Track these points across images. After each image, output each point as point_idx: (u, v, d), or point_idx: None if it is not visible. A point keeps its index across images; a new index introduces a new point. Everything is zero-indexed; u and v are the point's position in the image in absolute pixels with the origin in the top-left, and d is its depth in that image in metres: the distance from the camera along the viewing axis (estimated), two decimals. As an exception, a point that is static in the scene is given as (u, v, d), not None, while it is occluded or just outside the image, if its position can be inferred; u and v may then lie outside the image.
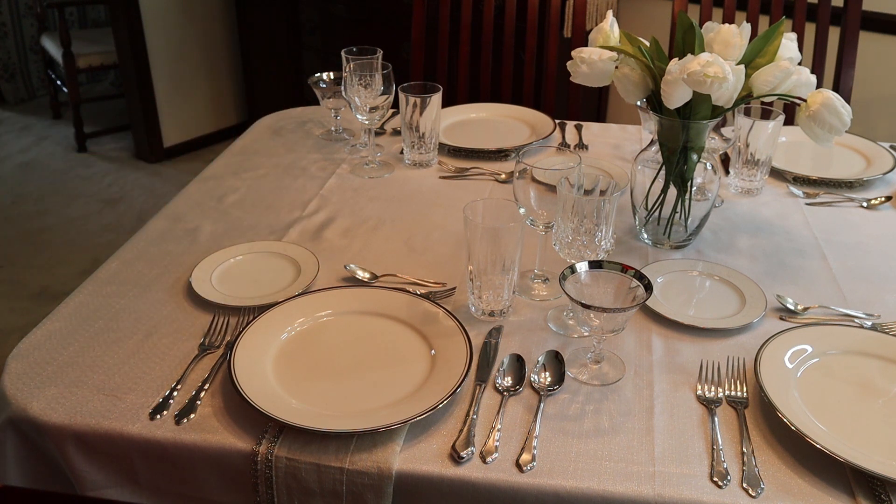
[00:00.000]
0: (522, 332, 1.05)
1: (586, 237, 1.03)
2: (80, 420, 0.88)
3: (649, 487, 0.82)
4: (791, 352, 0.99)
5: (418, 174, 1.51)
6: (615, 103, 3.15)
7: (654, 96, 1.15)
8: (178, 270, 1.18)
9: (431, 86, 1.46)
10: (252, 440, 0.86)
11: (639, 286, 0.94)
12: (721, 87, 1.04)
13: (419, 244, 1.27)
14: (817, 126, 1.10)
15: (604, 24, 1.19)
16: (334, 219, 1.34)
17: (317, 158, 1.58)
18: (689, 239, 1.27)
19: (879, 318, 1.10)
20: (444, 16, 2.03)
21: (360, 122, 1.48)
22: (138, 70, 3.46)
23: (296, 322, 1.04)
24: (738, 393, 0.95)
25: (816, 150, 1.62)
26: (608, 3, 2.78)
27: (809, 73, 1.12)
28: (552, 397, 0.94)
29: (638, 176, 1.25)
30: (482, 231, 1.01)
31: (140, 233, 1.29)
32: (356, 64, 1.43)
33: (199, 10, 3.64)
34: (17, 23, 4.25)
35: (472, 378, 0.96)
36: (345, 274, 1.17)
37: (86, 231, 3.12)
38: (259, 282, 1.13)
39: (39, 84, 4.45)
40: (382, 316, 1.06)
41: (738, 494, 0.81)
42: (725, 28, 1.11)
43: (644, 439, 0.88)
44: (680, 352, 1.02)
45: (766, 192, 1.47)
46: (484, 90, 2.06)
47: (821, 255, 1.26)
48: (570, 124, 1.74)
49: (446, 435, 0.88)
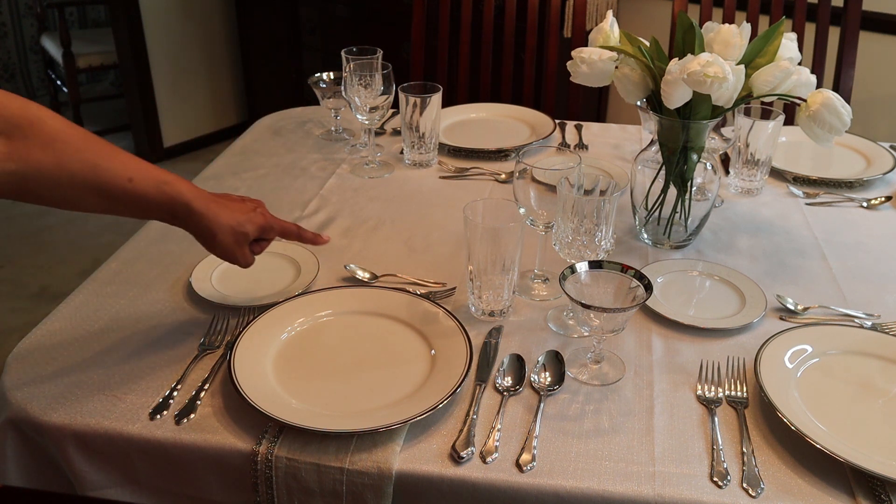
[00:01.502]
0: (522, 332, 1.05)
1: (586, 237, 1.03)
2: (80, 420, 0.88)
3: (649, 487, 0.82)
4: (791, 352, 0.99)
5: (418, 174, 1.51)
6: (615, 103, 3.15)
7: (654, 96, 1.15)
8: (178, 270, 1.18)
9: (431, 86, 1.46)
10: (252, 440, 0.86)
11: (639, 286, 0.94)
12: (721, 87, 1.04)
13: (419, 244, 1.27)
14: (817, 126, 1.10)
15: (604, 24, 1.19)
16: (334, 219, 1.34)
17: (317, 158, 1.58)
18: (689, 239, 1.27)
19: (879, 318, 1.10)
20: (444, 16, 2.04)
21: (360, 122, 1.48)
22: (138, 70, 3.46)
23: (296, 322, 1.04)
24: (738, 393, 0.95)
25: (816, 150, 1.62)
26: (608, 3, 2.78)
27: (809, 73, 1.12)
28: (552, 397, 0.94)
29: (638, 176, 1.25)
30: (482, 231, 1.01)
31: (140, 233, 1.29)
32: (356, 64, 1.43)
33: (199, 10, 3.64)
34: (17, 23, 4.25)
35: (472, 378, 0.96)
36: (345, 274, 1.17)
37: (86, 231, 3.12)
38: (259, 282, 1.13)
39: (39, 84, 4.45)
40: (382, 316, 1.06)
41: (738, 494, 0.81)
42: (725, 28, 1.11)
43: (644, 439, 0.88)
44: (680, 352, 1.02)
45: (766, 192, 1.47)
46: (484, 90, 2.06)
47: (821, 255, 1.26)
48: (570, 124, 1.74)
49: (446, 435, 0.88)
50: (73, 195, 0.85)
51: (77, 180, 0.84)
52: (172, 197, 0.91)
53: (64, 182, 0.84)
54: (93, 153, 0.85)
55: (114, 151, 0.88)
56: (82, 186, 0.85)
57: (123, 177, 0.87)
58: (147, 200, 0.89)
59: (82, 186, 0.85)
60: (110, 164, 0.86)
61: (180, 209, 0.92)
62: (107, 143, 0.88)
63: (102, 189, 0.86)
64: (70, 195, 0.85)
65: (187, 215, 0.92)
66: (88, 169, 0.84)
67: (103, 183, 0.86)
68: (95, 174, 0.85)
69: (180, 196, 0.91)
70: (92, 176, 0.85)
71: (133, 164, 0.88)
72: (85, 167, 0.84)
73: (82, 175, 0.84)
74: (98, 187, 0.86)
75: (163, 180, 0.90)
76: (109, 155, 0.87)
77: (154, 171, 0.90)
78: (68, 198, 0.86)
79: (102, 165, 0.85)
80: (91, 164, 0.85)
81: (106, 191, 0.86)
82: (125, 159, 0.88)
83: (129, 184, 0.87)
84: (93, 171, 0.85)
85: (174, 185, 0.91)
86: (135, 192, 0.88)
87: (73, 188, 0.85)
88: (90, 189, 0.85)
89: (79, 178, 0.84)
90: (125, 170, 0.87)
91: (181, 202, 0.91)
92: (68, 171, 0.83)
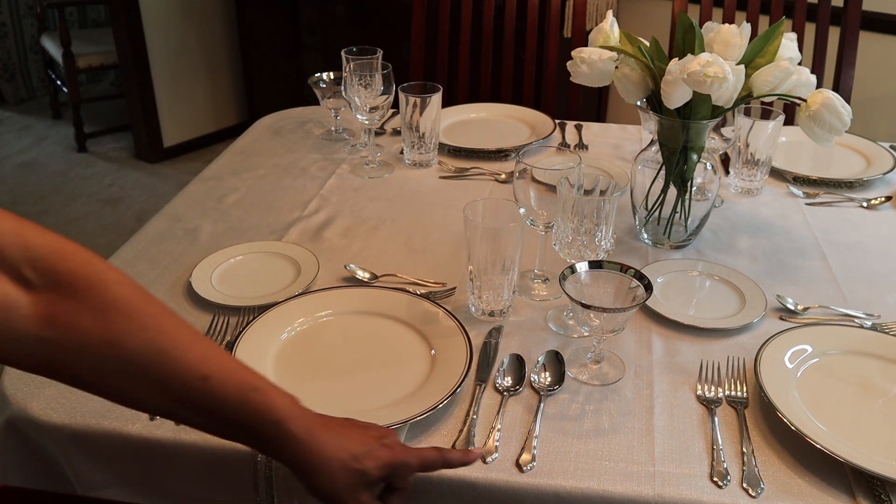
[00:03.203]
0: (522, 332, 1.05)
1: (586, 237, 1.03)
2: (80, 420, 0.88)
3: (649, 487, 0.82)
4: (791, 352, 0.99)
5: (418, 174, 1.51)
6: (615, 103, 3.15)
7: (654, 96, 1.15)
8: (178, 270, 1.18)
9: (431, 86, 1.46)
10: (252, 440, 0.86)
11: (639, 286, 0.94)
12: (721, 87, 1.04)
13: (419, 244, 1.27)
14: (817, 126, 1.10)
15: (604, 24, 1.19)
16: (334, 219, 1.34)
17: (317, 158, 1.58)
18: (689, 239, 1.27)
19: (879, 318, 1.10)
20: (444, 16, 2.03)
21: (360, 122, 1.48)
22: (138, 70, 3.46)
23: (296, 322, 1.04)
24: (738, 393, 0.95)
25: (816, 150, 1.62)
26: (608, 3, 2.78)
27: (809, 73, 1.11)
28: (552, 397, 0.94)
29: (638, 176, 1.25)
30: (482, 231, 1.01)
31: (140, 233, 1.29)
32: (356, 64, 1.43)
33: (199, 10, 3.64)
34: (17, 23, 4.25)
35: (472, 378, 0.96)
36: (345, 274, 1.17)
37: (86, 231, 3.12)
38: (259, 282, 1.13)
39: (39, 84, 4.45)
40: (382, 316, 1.06)
41: (738, 494, 0.81)
42: (725, 28, 1.11)
43: (644, 439, 0.88)
44: (680, 352, 1.02)
45: (766, 192, 1.47)
46: (484, 90, 2.06)
47: (821, 255, 1.26)
48: (570, 124, 1.74)
49: (446, 435, 0.88)
50: (122, 383, 0.65)
51: (132, 366, 0.64)
52: (259, 410, 0.67)
53: (112, 364, 0.64)
54: (162, 334, 0.65)
55: (192, 337, 0.67)
56: (138, 374, 0.65)
57: (197, 372, 0.65)
58: (223, 409, 0.67)
59: (138, 374, 0.65)
60: (182, 353, 0.65)
61: (268, 429, 0.68)
62: (185, 325, 0.68)
63: (164, 383, 0.65)
64: (118, 382, 0.65)
65: (279, 438, 0.69)
66: (151, 354, 0.64)
67: (168, 376, 0.65)
68: (159, 362, 0.65)
69: (271, 410, 0.68)
70: (154, 364, 0.64)
71: (215, 358, 0.67)
72: (147, 351, 0.64)
73: (140, 360, 0.64)
74: (159, 380, 0.65)
75: (251, 385, 0.68)
76: (184, 341, 0.66)
77: (241, 372, 0.69)
78: (115, 385, 0.65)
79: (171, 353, 0.65)
80: (156, 348, 0.64)
81: (169, 386, 0.65)
82: (205, 350, 0.67)
83: (202, 383, 0.65)
84: (157, 357, 0.64)
85: (265, 395, 0.68)
86: (208, 396, 0.66)
87: (124, 374, 0.64)
88: (148, 380, 0.65)
89: (134, 364, 0.64)
90: (202, 363, 0.66)
91: (271, 419, 0.68)
92: (122, 352, 0.63)
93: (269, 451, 0.71)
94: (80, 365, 0.63)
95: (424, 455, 0.76)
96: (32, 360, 0.63)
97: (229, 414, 0.67)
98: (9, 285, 0.61)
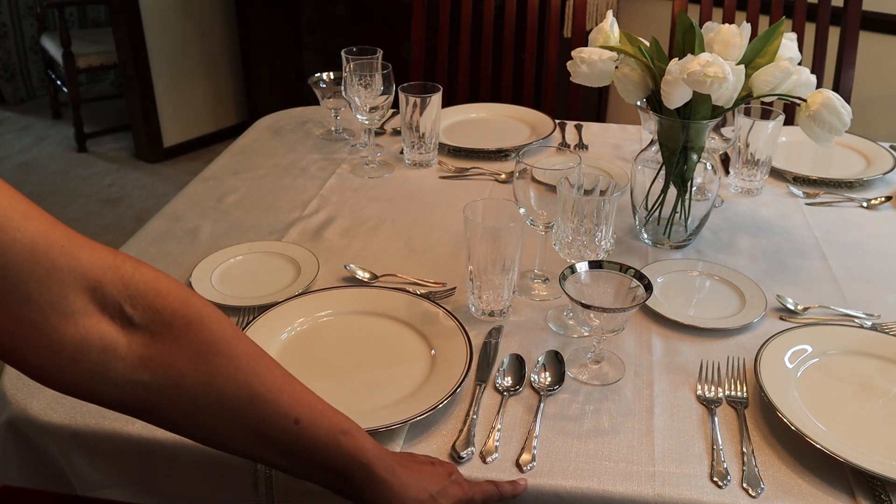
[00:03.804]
0: (522, 332, 1.05)
1: (586, 237, 1.03)
2: (80, 420, 0.88)
3: (649, 487, 0.82)
4: (791, 352, 0.99)
5: (418, 174, 1.51)
6: (615, 103, 3.15)
7: (654, 96, 1.15)
8: (178, 270, 1.18)
9: (431, 86, 1.46)
10: (252, 440, 0.86)
11: (639, 286, 0.94)
12: (721, 87, 1.04)
13: (419, 244, 1.27)
14: (817, 126, 1.10)
15: (604, 24, 1.19)
16: (334, 219, 1.34)
17: (317, 158, 1.58)
18: (689, 239, 1.27)
19: (879, 318, 1.10)
20: (444, 16, 2.03)
21: (360, 122, 1.48)
22: (138, 70, 3.46)
23: (296, 322, 1.04)
24: (738, 393, 0.95)
25: (816, 150, 1.62)
26: (608, 3, 2.78)
27: (809, 73, 1.12)
28: (552, 397, 0.94)
29: (638, 176, 1.25)
30: (482, 231, 1.01)
31: (140, 233, 1.29)
32: (356, 64, 1.43)
33: (199, 10, 3.64)
34: (17, 23, 4.25)
35: (472, 378, 0.96)
36: (345, 274, 1.17)
37: (86, 231, 3.10)
38: (259, 282, 1.13)
39: (39, 84, 4.45)
40: (382, 316, 1.06)
41: (738, 494, 0.81)
42: (725, 28, 1.11)
43: (644, 439, 0.88)
44: (680, 352, 1.02)
45: (766, 192, 1.47)
46: (484, 90, 2.06)
47: (821, 255, 1.26)
48: (570, 124, 1.74)
49: (446, 435, 0.88)
50: (214, 425, 0.65)
51: (225, 408, 0.64)
52: (349, 453, 0.69)
53: (206, 407, 0.63)
54: (256, 377, 0.65)
55: (284, 380, 0.68)
56: (230, 417, 0.64)
57: (289, 416, 0.66)
58: (313, 452, 0.68)
59: (230, 417, 0.64)
60: (275, 397, 0.66)
61: (357, 471, 0.70)
62: (277, 366, 0.68)
63: (256, 426, 0.65)
64: (211, 424, 0.65)
65: (365, 480, 0.71)
66: (245, 397, 0.64)
67: (261, 420, 0.65)
68: (253, 405, 0.65)
69: (361, 453, 0.70)
70: (247, 407, 0.64)
71: (305, 401, 0.68)
72: (242, 394, 0.64)
73: (234, 403, 0.64)
74: (252, 423, 0.65)
75: (340, 428, 0.69)
76: (277, 384, 0.67)
77: (330, 415, 0.70)
78: (207, 428, 0.65)
79: (265, 396, 0.65)
80: (250, 391, 0.64)
81: (260, 430, 0.66)
82: (297, 393, 0.68)
83: (293, 426, 0.66)
84: (250, 400, 0.64)
85: (355, 438, 0.70)
86: (300, 439, 0.67)
87: (216, 416, 0.64)
88: (240, 423, 0.65)
89: (228, 406, 0.64)
90: (294, 407, 0.67)
91: (360, 462, 0.70)
92: (217, 395, 0.63)
93: (352, 492, 0.72)
94: (174, 408, 0.63)
95: (485, 490, 0.80)
96: (126, 403, 0.62)
97: (318, 457, 0.68)
98: (108, 325, 0.59)
